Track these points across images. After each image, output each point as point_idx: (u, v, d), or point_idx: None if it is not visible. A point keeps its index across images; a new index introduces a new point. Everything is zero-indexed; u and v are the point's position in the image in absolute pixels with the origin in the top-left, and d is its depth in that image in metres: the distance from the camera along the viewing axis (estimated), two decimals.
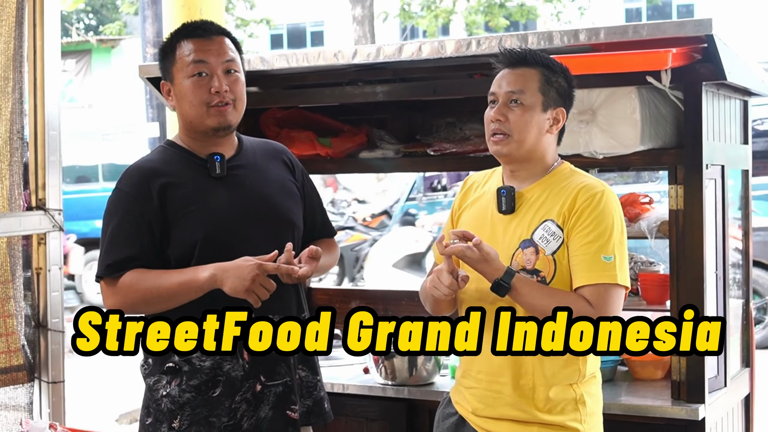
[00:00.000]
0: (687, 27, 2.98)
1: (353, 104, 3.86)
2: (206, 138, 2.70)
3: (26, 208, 3.45)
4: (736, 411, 3.51)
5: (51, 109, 3.51)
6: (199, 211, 2.64)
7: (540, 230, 2.51)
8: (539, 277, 2.49)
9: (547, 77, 2.56)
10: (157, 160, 2.72)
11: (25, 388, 3.48)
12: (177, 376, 2.65)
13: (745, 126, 3.63)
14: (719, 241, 3.29)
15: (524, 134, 2.54)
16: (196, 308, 2.61)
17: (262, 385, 2.67)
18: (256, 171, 2.75)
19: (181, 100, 2.67)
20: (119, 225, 2.65)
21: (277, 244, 2.69)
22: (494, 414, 2.56)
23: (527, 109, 2.54)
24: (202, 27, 2.72)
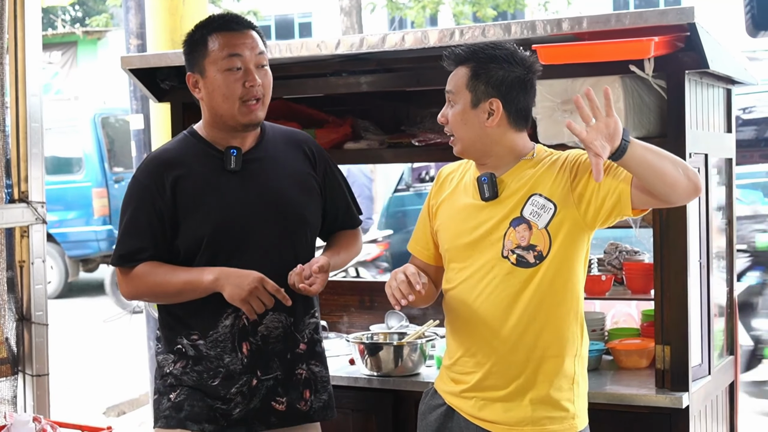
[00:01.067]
0: (669, 15, 2.97)
1: (337, 95, 3.85)
2: (232, 131, 2.74)
3: (8, 201, 3.44)
4: (720, 399, 3.52)
5: (33, 101, 3.50)
6: (209, 205, 2.69)
7: (528, 206, 2.54)
8: (535, 252, 2.52)
9: (475, 71, 2.56)
10: (174, 150, 2.77)
11: (9, 382, 3.48)
12: (183, 358, 2.74)
13: (729, 114, 3.64)
14: (703, 229, 3.29)
15: (461, 133, 2.59)
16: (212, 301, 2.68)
17: (257, 379, 2.74)
18: (272, 164, 2.78)
19: (213, 93, 2.71)
20: (133, 215, 2.72)
21: (288, 241, 2.75)
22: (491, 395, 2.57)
23: (458, 109, 2.59)
24: (235, 20, 2.76)
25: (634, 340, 3.53)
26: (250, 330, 2.72)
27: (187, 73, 2.77)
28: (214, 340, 2.73)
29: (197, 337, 2.74)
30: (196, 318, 2.74)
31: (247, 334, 2.72)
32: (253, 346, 2.73)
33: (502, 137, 2.58)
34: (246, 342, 2.72)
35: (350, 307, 4.23)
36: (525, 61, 2.59)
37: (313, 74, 3.71)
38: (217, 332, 2.72)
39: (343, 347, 3.74)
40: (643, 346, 3.42)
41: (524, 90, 2.59)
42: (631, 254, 3.61)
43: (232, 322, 2.71)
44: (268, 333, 2.74)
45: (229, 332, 2.72)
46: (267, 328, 2.74)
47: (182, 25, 4.66)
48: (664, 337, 3.11)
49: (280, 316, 2.75)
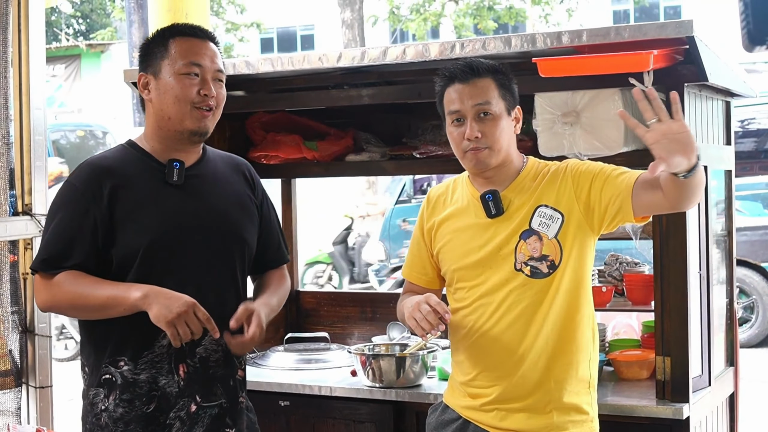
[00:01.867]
0: (668, 29, 3.00)
1: (339, 107, 3.87)
2: (175, 140, 2.63)
3: (12, 213, 3.45)
4: (721, 410, 3.53)
5: (37, 114, 3.51)
6: (148, 216, 2.56)
7: (536, 217, 2.58)
8: (548, 262, 2.55)
9: (500, 82, 2.63)
10: (113, 159, 2.64)
11: (12, 393, 3.48)
12: (113, 389, 2.57)
13: (728, 127, 3.66)
14: (702, 241, 3.31)
15: (501, 143, 2.61)
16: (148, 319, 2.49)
17: (197, 405, 2.60)
18: (214, 182, 2.68)
19: (165, 94, 2.59)
20: (63, 220, 2.57)
21: (225, 259, 2.64)
22: (513, 406, 2.59)
23: (497, 118, 2.60)
24: (199, 29, 2.69)
25: (635, 352, 3.54)
26: (187, 351, 2.57)
27: (139, 73, 2.65)
28: (149, 361, 2.56)
29: (124, 363, 2.56)
30: (128, 337, 2.55)
31: (184, 356, 2.57)
32: (191, 369, 2.58)
33: (514, 147, 2.68)
34: (183, 364, 2.57)
35: (352, 318, 4.25)
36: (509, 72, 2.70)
37: (315, 87, 3.73)
38: (152, 352, 2.56)
39: (345, 358, 3.76)
40: (644, 357, 3.43)
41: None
42: (631, 266, 3.63)
43: (169, 342, 2.51)
44: (207, 355, 2.60)
45: (165, 353, 2.56)
46: (206, 350, 2.60)
47: None
48: (664, 349, 3.12)
49: (219, 339, 2.58)
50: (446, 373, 3.45)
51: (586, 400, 2.62)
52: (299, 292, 4.37)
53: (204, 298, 2.56)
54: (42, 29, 3.53)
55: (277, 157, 3.95)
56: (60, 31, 22.83)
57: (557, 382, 2.58)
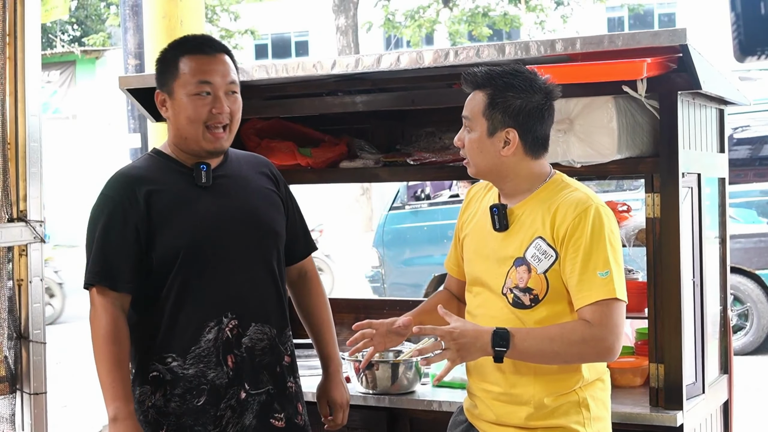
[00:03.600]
0: (662, 37, 3.01)
1: (333, 114, 3.88)
2: (196, 155, 2.72)
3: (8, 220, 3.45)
4: (715, 417, 3.54)
5: (32, 121, 3.51)
6: (184, 217, 2.66)
7: (532, 248, 2.51)
8: (531, 295, 2.50)
9: (492, 99, 2.52)
10: (142, 168, 2.74)
11: (6, 400, 3.48)
12: (161, 385, 2.65)
13: (722, 134, 3.67)
14: (696, 248, 3.32)
15: (476, 159, 2.58)
16: (193, 315, 2.65)
17: (246, 392, 2.69)
18: (241, 181, 2.78)
19: (179, 115, 2.68)
20: (106, 232, 2.64)
21: (260, 253, 2.74)
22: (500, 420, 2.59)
23: (474, 137, 2.57)
24: (208, 44, 2.73)
25: (628, 359, 3.54)
26: (234, 342, 2.67)
27: (156, 90, 2.74)
28: (197, 356, 2.64)
29: (172, 359, 2.65)
30: (174, 336, 2.65)
31: (231, 347, 2.67)
32: (239, 359, 2.68)
33: (517, 165, 2.55)
34: (231, 355, 2.67)
35: (346, 324, 4.24)
36: (544, 89, 2.56)
37: (309, 94, 3.74)
38: (199, 347, 2.65)
39: None
40: (637, 364, 3.44)
41: (542, 118, 2.55)
42: (624, 273, 3.63)
43: (215, 336, 2.65)
44: (252, 345, 2.70)
45: (212, 346, 2.65)
46: (251, 340, 2.70)
47: None
48: (657, 356, 3.12)
49: (263, 327, 2.72)
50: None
51: (576, 420, 2.53)
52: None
53: (245, 294, 2.71)
54: (37, 35, 3.54)
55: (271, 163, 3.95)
56: (55, 38, 22.81)
57: (538, 402, 2.53)
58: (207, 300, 2.65)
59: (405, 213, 10.32)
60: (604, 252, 2.44)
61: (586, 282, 2.42)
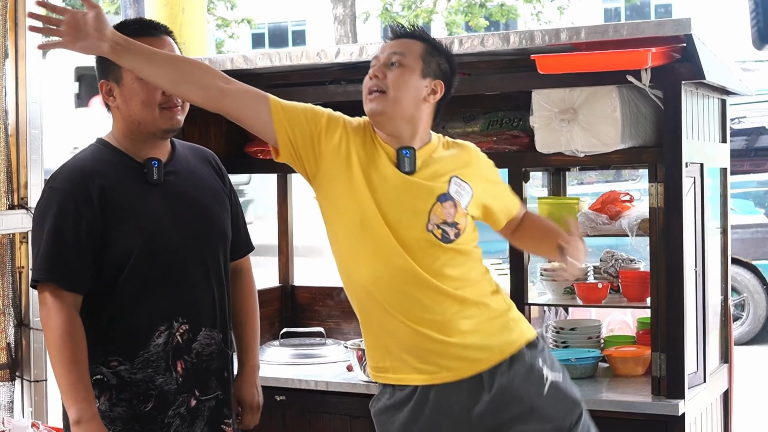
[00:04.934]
0: (666, 27, 3.01)
1: (336, 103, 3.85)
2: (147, 140, 2.61)
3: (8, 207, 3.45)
4: (715, 406, 3.55)
5: (33, 108, 3.51)
6: (138, 217, 2.55)
7: (452, 185, 2.58)
8: (456, 229, 2.56)
9: (429, 50, 2.61)
10: (93, 160, 2.60)
11: (6, 387, 3.48)
12: (106, 389, 2.55)
13: (724, 124, 3.68)
14: (698, 238, 3.33)
15: (400, 92, 2.55)
16: (143, 319, 2.55)
17: (196, 399, 2.60)
18: (190, 177, 2.68)
19: (131, 101, 2.56)
20: (56, 228, 2.50)
21: (211, 256, 2.65)
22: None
23: (406, 70, 2.57)
24: (153, 26, 2.65)
25: (630, 348, 3.55)
26: (184, 347, 2.58)
27: (100, 80, 2.61)
28: (145, 361, 2.54)
29: (117, 363, 2.54)
30: (122, 339, 2.54)
31: (181, 352, 2.57)
32: (188, 365, 2.58)
33: (424, 117, 2.61)
34: (180, 360, 2.57)
35: (348, 313, 4.24)
36: (456, 69, 2.69)
37: (312, 82, 3.72)
38: (148, 351, 2.54)
39: (341, 353, 3.76)
40: (639, 353, 3.45)
41: (451, 90, 2.67)
42: (626, 262, 3.64)
43: (165, 340, 2.55)
44: (202, 350, 2.61)
45: (162, 351, 2.55)
46: (201, 345, 2.61)
47: (182, 33, 4.67)
48: (660, 345, 3.13)
49: (212, 332, 2.63)
50: None
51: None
52: (294, 287, 4.37)
53: (196, 298, 2.61)
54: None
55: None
56: None
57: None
58: (158, 304, 2.55)
59: None
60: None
61: (511, 196, 2.78)
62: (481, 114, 3.71)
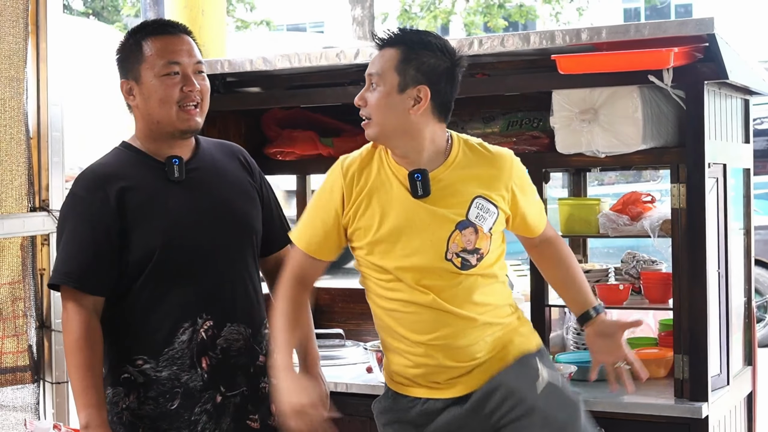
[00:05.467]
0: (689, 26, 2.99)
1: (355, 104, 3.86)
2: (168, 140, 2.63)
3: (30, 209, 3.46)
4: (739, 409, 3.52)
5: (54, 110, 3.52)
6: (158, 215, 2.57)
7: (474, 209, 2.48)
8: (479, 255, 2.49)
9: (406, 55, 2.44)
10: (113, 164, 2.64)
11: (30, 389, 3.49)
12: (134, 388, 2.58)
13: (747, 125, 3.65)
14: (721, 239, 3.30)
15: (381, 116, 2.47)
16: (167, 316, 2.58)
17: (222, 396, 2.61)
18: (214, 173, 2.69)
19: (149, 99, 2.58)
20: (75, 233, 2.56)
21: (236, 251, 2.66)
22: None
23: (382, 91, 2.46)
24: (170, 25, 2.68)
25: (652, 350, 3.53)
26: (209, 344, 2.59)
27: (120, 80, 2.65)
28: (170, 358, 2.56)
29: (143, 362, 2.57)
30: (146, 337, 2.57)
31: (206, 348, 2.58)
32: (213, 361, 2.59)
33: (425, 127, 2.47)
34: (205, 357, 2.58)
35: (367, 314, 4.23)
36: (454, 54, 2.51)
37: (331, 83, 3.72)
38: (173, 349, 2.57)
39: (361, 355, 3.75)
40: (661, 355, 3.42)
41: (451, 82, 2.49)
42: (648, 263, 3.61)
43: (189, 337, 2.57)
44: (228, 345, 2.62)
45: (186, 348, 2.57)
46: (226, 341, 2.61)
47: (201, 36, 4.67)
48: (682, 347, 3.11)
49: (239, 327, 2.64)
50: None
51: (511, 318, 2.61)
52: (314, 288, 4.35)
53: (220, 294, 2.61)
54: (60, 25, 3.54)
55: (292, 153, 3.94)
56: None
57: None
58: (181, 301, 2.57)
59: None
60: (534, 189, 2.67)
61: (540, 214, 2.66)
62: (500, 115, 3.69)
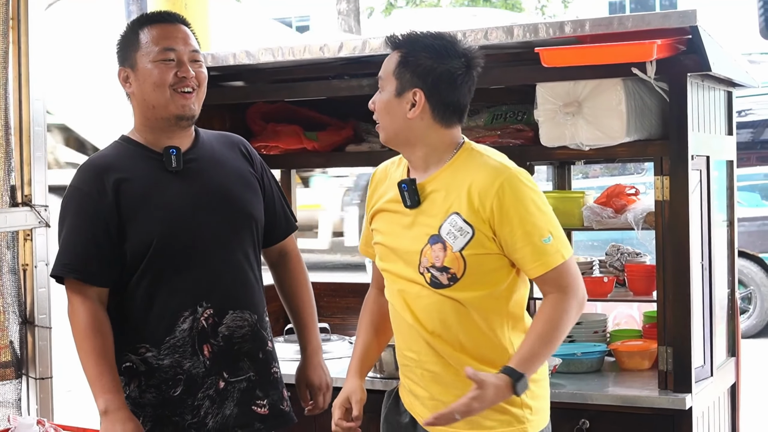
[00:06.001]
0: (672, 18, 2.99)
1: (340, 98, 3.85)
2: (165, 128, 2.65)
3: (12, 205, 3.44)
4: (723, 400, 3.53)
5: (36, 105, 3.50)
6: (155, 205, 2.59)
7: (447, 225, 2.39)
8: (449, 274, 2.39)
9: (404, 59, 2.41)
10: (111, 156, 2.67)
11: (12, 385, 3.48)
12: (135, 376, 2.61)
13: (730, 117, 3.66)
14: (705, 231, 3.31)
15: (385, 121, 2.47)
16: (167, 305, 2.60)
17: (225, 381, 2.63)
18: (213, 163, 2.70)
19: (144, 83, 2.60)
20: (74, 226, 2.60)
21: (235, 238, 2.68)
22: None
23: (384, 96, 2.46)
24: (168, 14, 2.71)
25: (636, 342, 3.54)
26: (210, 331, 2.61)
27: (119, 68, 2.67)
28: (171, 346, 2.59)
29: (146, 350, 2.60)
30: (147, 326, 2.60)
31: (207, 336, 2.61)
32: (215, 348, 2.62)
33: (425, 132, 2.43)
34: (207, 344, 2.61)
35: (352, 309, 4.23)
36: (464, 54, 2.42)
37: (315, 77, 3.72)
38: (174, 337, 2.59)
39: (346, 349, 3.75)
40: (645, 347, 3.43)
41: (453, 84, 2.41)
42: (632, 256, 3.62)
43: (190, 326, 2.59)
44: (230, 333, 2.64)
45: (187, 336, 2.60)
46: (229, 328, 2.64)
47: None
48: (666, 339, 3.12)
49: (243, 314, 2.66)
50: None
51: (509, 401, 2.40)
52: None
53: (220, 282, 2.64)
54: (41, 20, 3.52)
55: (277, 147, 3.94)
56: None
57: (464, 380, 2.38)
58: (180, 289, 2.60)
59: None
60: (538, 218, 2.37)
61: (536, 253, 2.36)
62: (485, 108, 3.69)
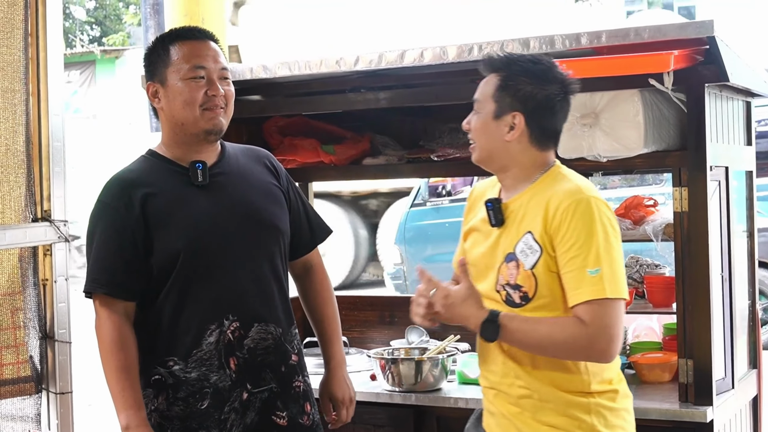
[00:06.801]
0: (689, 29, 2.98)
1: (356, 111, 3.86)
2: (193, 143, 2.67)
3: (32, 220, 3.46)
4: (744, 412, 3.50)
5: (55, 120, 3.51)
6: (181, 219, 2.62)
7: (521, 243, 2.41)
8: (521, 292, 2.40)
9: (504, 82, 2.44)
10: (137, 170, 2.70)
11: (32, 399, 3.49)
12: (163, 389, 2.63)
13: (749, 127, 3.63)
14: (724, 242, 3.29)
15: (482, 142, 2.49)
16: (193, 318, 2.62)
17: (248, 392, 2.65)
18: (239, 177, 2.73)
19: (174, 101, 2.64)
20: (102, 240, 2.63)
21: (261, 251, 2.69)
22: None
23: (481, 118, 2.48)
24: (197, 30, 2.73)
25: (656, 354, 3.51)
26: (236, 344, 2.63)
27: (147, 83, 2.71)
28: (198, 360, 2.61)
29: (173, 363, 2.62)
30: (175, 339, 2.62)
31: (233, 349, 2.63)
32: (241, 360, 2.64)
33: (521, 154, 2.46)
34: (233, 357, 2.63)
35: (371, 322, 4.24)
36: (561, 81, 2.47)
37: (332, 90, 3.72)
38: (201, 350, 2.61)
39: (364, 363, 3.75)
40: (666, 359, 3.41)
41: (552, 110, 2.45)
42: (652, 267, 3.60)
43: (216, 339, 2.62)
44: (255, 345, 2.66)
45: (214, 349, 2.62)
46: (253, 341, 2.65)
47: None
48: (687, 351, 3.09)
49: (267, 326, 2.68)
50: (466, 377, 3.44)
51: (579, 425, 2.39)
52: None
53: (246, 295, 2.66)
54: (59, 35, 3.54)
55: (294, 161, 3.95)
56: (74, 38, 22.92)
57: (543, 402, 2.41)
58: (207, 303, 2.62)
59: (426, 210, 10.29)
60: (596, 248, 2.30)
61: (577, 280, 2.31)
62: None
